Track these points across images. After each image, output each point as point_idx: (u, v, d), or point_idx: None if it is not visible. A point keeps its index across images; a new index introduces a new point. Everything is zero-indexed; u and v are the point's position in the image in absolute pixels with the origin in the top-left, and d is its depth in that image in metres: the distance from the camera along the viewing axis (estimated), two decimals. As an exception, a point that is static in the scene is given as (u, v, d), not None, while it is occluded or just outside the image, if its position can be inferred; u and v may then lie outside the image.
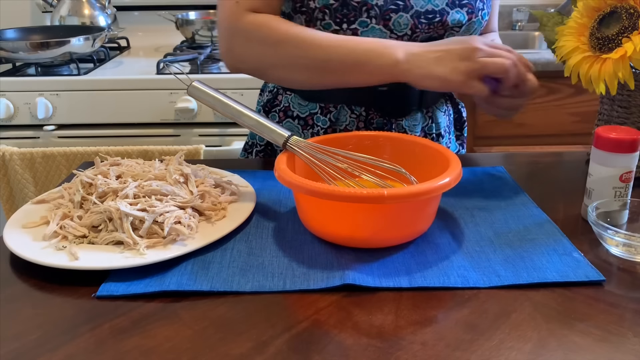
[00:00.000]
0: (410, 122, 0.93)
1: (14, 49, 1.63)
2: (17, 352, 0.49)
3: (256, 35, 0.81)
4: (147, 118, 1.62)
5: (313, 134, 0.93)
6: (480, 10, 0.89)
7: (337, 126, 0.92)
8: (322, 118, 0.92)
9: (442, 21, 0.85)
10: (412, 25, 0.84)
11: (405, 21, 0.83)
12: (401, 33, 0.85)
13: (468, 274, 0.59)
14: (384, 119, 0.92)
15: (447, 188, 0.61)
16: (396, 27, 0.84)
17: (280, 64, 0.82)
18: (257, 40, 0.81)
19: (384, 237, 0.63)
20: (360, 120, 0.91)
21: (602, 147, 0.67)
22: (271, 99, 0.96)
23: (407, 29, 0.84)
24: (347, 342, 0.50)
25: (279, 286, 0.57)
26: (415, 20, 0.84)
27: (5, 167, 1.45)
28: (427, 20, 0.85)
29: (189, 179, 0.71)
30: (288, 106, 0.94)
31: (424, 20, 0.84)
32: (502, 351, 0.48)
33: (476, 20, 0.89)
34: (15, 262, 0.62)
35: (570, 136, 1.84)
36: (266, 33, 0.80)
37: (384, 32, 0.84)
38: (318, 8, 0.83)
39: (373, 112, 0.91)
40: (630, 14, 0.70)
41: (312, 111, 0.93)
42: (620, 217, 0.68)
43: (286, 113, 0.94)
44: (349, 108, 0.91)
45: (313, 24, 0.85)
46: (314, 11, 0.84)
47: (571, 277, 0.58)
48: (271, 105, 0.96)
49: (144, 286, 0.57)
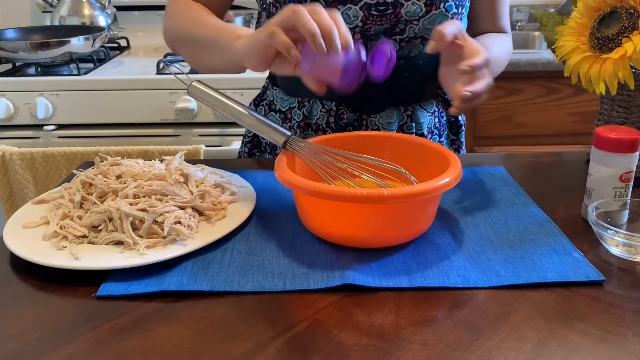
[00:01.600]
0: (385, 119, 0.92)
1: (14, 49, 1.63)
2: (17, 352, 0.49)
3: (173, 14, 0.91)
4: (147, 118, 1.62)
5: (290, 127, 0.95)
6: (442, 1, 0.84)
7: (310, 120, 0.94)
8: (298, 112, 0.95)
9: (396, 13, 0.83)
10: (362, 17, 0.84)
11: (354, 13, 0.83)
12: (352, 25, 0.84)
13: (468, 274, 0.59)
14: (355, 114, 0.92)
15: (447, 188, 0.61)
16: (345, 19, 0.83)
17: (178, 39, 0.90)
18: (173, 17, 0.91)
19: (384, 237, 0.63)
20: (330, 115, 0.92)
21: (602, 147, 0.67)
22: (261, 93, 1.02)
23: (358, 20, 0.84)
24: (347, 342, 0.50)
25: (279, 286, 0.57)
26: (365, 12, 0.83)
27: (5, 167, 1.45)
28: (379, 12, 0.83)
29: (189, 179, 0.71)
30: (272, 100, 0.98)
31: (374, 12, 0.83)
32: (502, 351, 0.48)
33: (438, 13, 0.84)
34: (15, 262, 0.62)
35: (570, 136, 1.84)
36: (180, 13, 0.90)
37: None
38: (271, 3, 0.87)
39: (343, 107, 0.92)
40: (630, 14, 0.70)
41: (291, 105, 0.95)
42: (620, 217, 0.68)
43: (270, 107, 0.98)
44: (321, 102, 0.93)
45: (267, 16, 0.88)
46: (269, 6, 0.87)
47: (571, 277, 0.58)
48: (260, 99, 1.01)
49: (144, 286, 0.57)
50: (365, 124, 0.92)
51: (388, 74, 0.68)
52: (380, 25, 0.85)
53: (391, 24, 0.85)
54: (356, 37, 0.86)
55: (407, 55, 0.90)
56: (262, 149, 1.02)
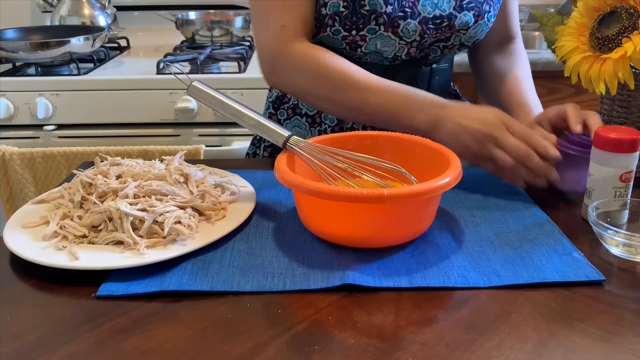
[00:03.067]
0: None
1: (14, 49, 1.62)
2: (17, 352, 0.49)
3: (302, 65, 0.83)
4: (147, 118, 1.62)
5: (320, 131, 0.94)
6: (487, 12, 0.89)
7: (344, 124, 0.93)
8: (330, 116, 0.93)
9: (450, 25, 0.87)
10: (420, 31, 0.85)
11: (413, 27, 0.85)
12: (410, 39, 0.86)
13: (468, 273, 0.59)
14: None
15: (447, 188, 0.61)
16: (405, 33, 0.85)
17: (320, 96, 0.84)
18: (303, 69, 0.83)
19: (384, 236, 0.63)
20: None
21: (602, 147, 0.67)
22: (280, 96, 0.98)
23: (416, 34, 0.85)
24: (347, 342, 0.50)
25: (279, 286, 0.57)
26: (423, 26, 0.85)
27: (5, 167, 1.45)
28: (435, 26, 0.86)
29: (189, 179, 0.71)
30: (297, 104, 0.96)
31: (431, 25, 0.86)
32: (502, 351, 0.48)
33: (482, 23, 0.89)
34: (15, 262, 0.62)
35: (570, 136, 1.84)
36: (311, 65, 0.82)
37: (393, 38, 0.85)
38: (329, 15, 0.84)
39: None
40: (630, 14, 0.70)
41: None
42: (620, 217, 0.68)
43: (294, 110, 0.96)
44: None
45: (323, 29, 0.86)
46: (324, 18, 0.85)
47: (571, 277, 0.58)
48: (280, 102, 0.98)
49: (144, 286, 0.57)
50: None
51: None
52: (435, 37, 0.87)
53: (445, 35, 0.87)
54: (411, 50, 0.88)
55: (439, 60, 0.93)
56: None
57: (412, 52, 0.88)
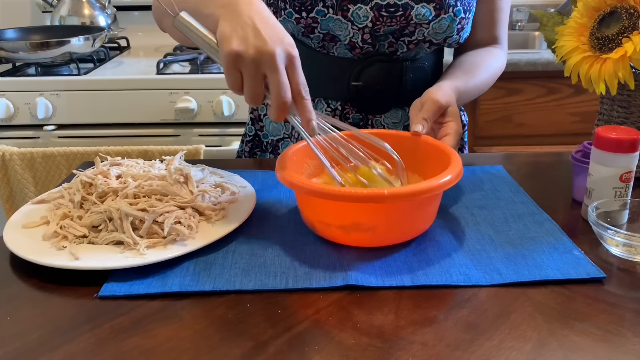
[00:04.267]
0: (390, 119, 0.93)
1: (14, 49, 1.63)
2: (17, 352, 0.49)
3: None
4: (147, 118, 1.62)
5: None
6: (451, 6, 0.86)
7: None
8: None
9: (405, 15, 0.85)
10: (372, 18, 0.85)
11: (364, 13, 0.84)
12: (362, 25, 0.85)
13: (470, 271, 0.59)
14: (360, 114, 0.92)
15: (448, 186, 0.61)
16: (355, 18, 0.85)
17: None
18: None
19: (386, 235, 0.63)
20: (335, 114, 0.93)
21: (602, 147, 0.67)
22: None
23: (368, 20, 0.85)
24: (347, 342, 0.50)
25: (281, 284, 0.57)
26: (375, 12, 0.84)
27: (5, 167, 1.45)
28: (389, 14, 0.85)
29: (189, 179, 0.71)
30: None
31: (385, 13, 0.85)
32: (502, 351, 0.48)
33: (447, 17, 0.86)
34: (15, 262, 0.62)
35: (570, 136, 1.84)
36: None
37: (344, 22, 0.85)
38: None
39: (349, 106, 0.92)
40: (630, 14, 0.70)
41: None
42: (620, 217, 0.68)
43: None
44: (326, 102, 0.93)
45: (279, 14, 0.87)
46: (278, 1, 0.87)
47: (572, 275, 0.58)
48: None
49: (146, 286, 0.57)
50: (371, 124, 0.93)
51: None
52: (390, 26, 0.86)
53: (401, 25, 0.86)
54: (365, 36, 0.87)
55: (413, 57, 0.91)
56: (262, 148, 1.02)
57: (367, 39, 0.87)
